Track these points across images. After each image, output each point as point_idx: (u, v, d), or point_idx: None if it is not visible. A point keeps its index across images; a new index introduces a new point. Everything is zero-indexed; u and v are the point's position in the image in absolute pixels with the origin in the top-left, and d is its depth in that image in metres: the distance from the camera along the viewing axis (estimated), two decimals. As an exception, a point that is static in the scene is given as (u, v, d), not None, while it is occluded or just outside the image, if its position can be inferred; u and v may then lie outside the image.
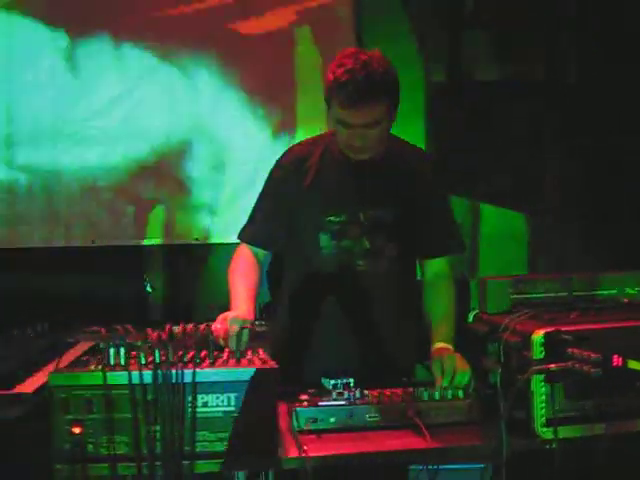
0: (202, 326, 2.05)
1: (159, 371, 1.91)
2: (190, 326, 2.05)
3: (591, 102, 4.29)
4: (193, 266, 4.32)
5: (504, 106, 4.36)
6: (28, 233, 4.08)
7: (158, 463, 1.91)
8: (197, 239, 4.13)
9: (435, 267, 2.70)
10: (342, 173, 2.61)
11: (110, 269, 4.13)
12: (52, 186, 4.11)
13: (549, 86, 4.43)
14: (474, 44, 4.43)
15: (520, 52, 4.46)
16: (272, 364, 2.03)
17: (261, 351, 2.21)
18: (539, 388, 2.10)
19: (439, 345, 2.47)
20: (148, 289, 4.19)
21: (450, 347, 2.46)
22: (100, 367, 1.94)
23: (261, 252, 2.71)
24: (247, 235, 2.73)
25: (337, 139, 2.54)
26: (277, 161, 2.73)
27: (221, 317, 2.32)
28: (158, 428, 1.92)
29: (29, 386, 2.28)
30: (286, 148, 2.78)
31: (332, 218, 2.60)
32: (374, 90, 2.38)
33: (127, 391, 1.91)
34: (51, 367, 2.09)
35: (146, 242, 4.16)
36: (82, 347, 2.82)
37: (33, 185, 4.10)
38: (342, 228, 2.60)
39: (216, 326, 2.25)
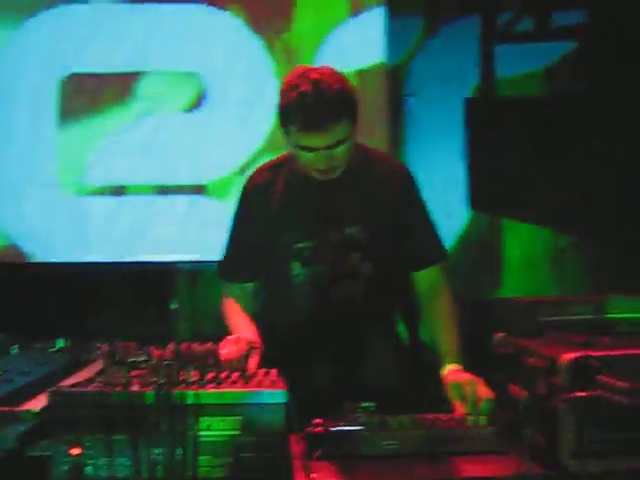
0: (208, 344, 1.97)
1: (161, 392, 1.83)
2: (196, 344, 1.97)
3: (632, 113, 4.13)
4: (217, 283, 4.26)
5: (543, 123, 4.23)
6: (55, 247, 4.05)
7: (159, 487, 1.83)
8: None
9: (426, 279, 2.57)
10: (307, 195, 2.50)
11: (135, 285, 4.10)
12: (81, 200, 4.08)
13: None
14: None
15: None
16: (282, 386, 1.94)
17: (273, 372, 2.12)
18: (567, 417, 1.97)
19: (451, 367, 2.36)
20: (173, 305, 4.16)
21: (462, 369, 2.35)
22: (101, 386, 1.88)
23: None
24: (225, 273, 2.66)
25: (300, 163, 2.43)
26: (242, 189, 2.62)
27: (224, 341, 2.24)
28: (159, 451, 1.84)
29: (38, 403, 2.23)
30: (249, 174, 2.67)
31: (302, 245, 2.50)
32: (331, 112, 2.27)
33: (128, 412, 1.84)
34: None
35: (172, 258, 4.10)
36: (100, 364, 2.77)
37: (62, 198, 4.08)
38: (313, 253, 2.49)
39: (222, 351, 2.15)
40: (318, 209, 2.50)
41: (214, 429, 1.86)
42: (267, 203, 2.52)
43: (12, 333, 3.51)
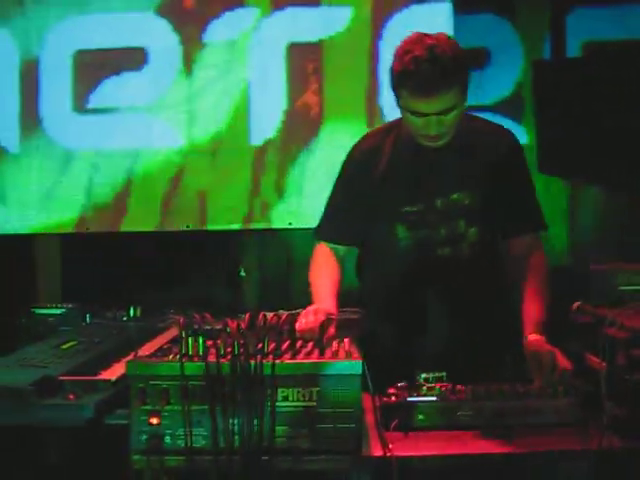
0: (284, 315, 1.96)
1: (237, 363, 1.84)
2: (271, 315, 1.97)
3: None
4: (286, 251, 4.27)
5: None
6: (123, 217, 4.10)
7: (236, 457, 1.84)
8: (290, 224, 4.06)
9: (524, 244, 2.55)
10: (415, 161, 2.50)
11: (204, 254, 4.13)
12: (147, 170, 4.11)
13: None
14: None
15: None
16: (357, 356, 1.93)
17: (347, 342, 2.11)
18: (649, 389, 1.93)
19: (533, 337, 2.31)
20: (241, 274, 4.18)
21: (543, 339, 2.30)
22: (177, 357, 1.89)
23: (340, 248, 2.65)
24: (322, 233, 2.67)
25: (409, 127, 2.43)
26: (348, 153, 2.64)
27: (304, 312, 2.24)
28: (236, 421, 1.85)
29: (114, 373, 2.26)
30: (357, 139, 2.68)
31: (408, 208, 2.50)
32: (445, 77, 2.26)
33: (205, 383, 1.85)
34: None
35: (237, 227, 4.11)
36: (172, 333, 2.79)
37: (128, 170, 4.11)
38: (419, 217, 2.50)
39: (300, 321, 2.16)
40: (425, 174, 2.50)
41: (291, 400, 1.86)
42: (374, 167, 2.53)
43: (85, 303, 3.58)
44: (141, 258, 4.23)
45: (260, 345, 1.90)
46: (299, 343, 2.04)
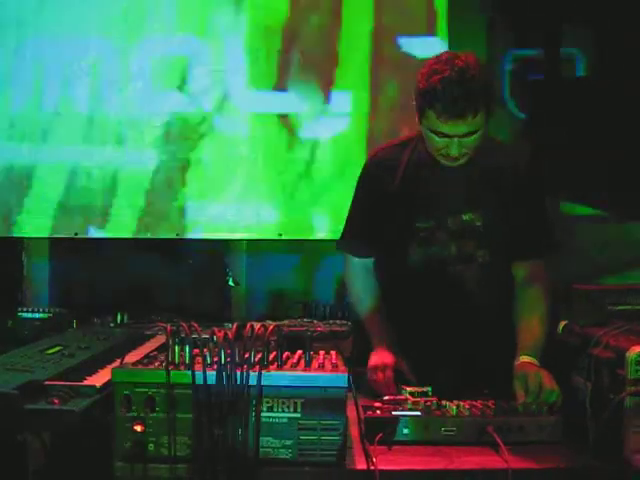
0: (271, 326, 1.96)
1: (223, 372, 1.84)
2: (258, 326, 1.97)
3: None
4: (274, 261, 4.28)
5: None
6: (115, 223, 4.08)
7: (220, 467, 1.83)
8: (280, 235, 4.06)
9: (526, 271, 2.55)
10: (430, 178, 2.51)
11: (194, 262, 4.12)
12: (139, 177, 4.10)
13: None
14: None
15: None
16: (343, 369, 1.93)
17: (334, 354, 2.11)
18: (632, 411, 1.93)
19: (523, 359, 2.31)
20: (231, 283, 4.18)
21: (535, 362, 2.29)
22: (163, 365, 1.89)
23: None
24: (346, 245, 2.69)
25: (429, 146, 2.44)
26: (364, 167, 2.66)
27: (373, 367, 2.43)
28: (221, 431, 1.84)
29: (99, 379, 2.25)
30: (372, 151, 2.71)
31: (420, 224, 2.51)
32: (473, 102, 2.26)
33: (190, 391, 1.85)
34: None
35: (230, 236, 4.11)
36: (159, 340, 2.79)
37: (119, 176, 4.11)
38: (430, 234, 2.51)
39: (375, 377, 2.37)
40: (438, 192, 2.51)
41: (275, 410, 1.86)
42: (388, 181, 2.54)
43: (71, 308, 3.57)
44: (129, 265, 4.21)
45: (247, 355, 1.90)
46: (285, 354, 2.05)
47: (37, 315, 3.53)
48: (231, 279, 4.19)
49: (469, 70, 2.27)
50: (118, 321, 3.34)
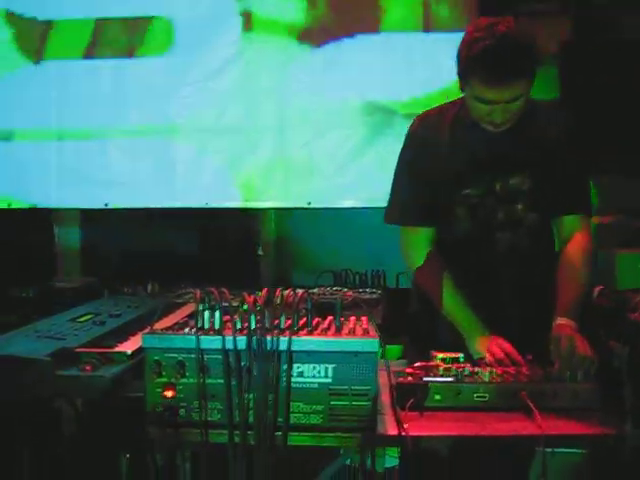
0: (300, 292, 1.94)
1: (254, 337, 1.83)
2: (288, 291, 1.95)
3: None
4: (303, 230, 4.26)
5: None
6: (144, 193, 4.09)
7: (250, 432, 1.83)
8: (309, 203, 4.04)
9: (566, 228, 2.50)
10: (475, 143, 2.46)
11: (223, 232, 4.12)
12: (168, 147, 4.11)
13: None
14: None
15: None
16: (374, 334, 1.92)
17: (365, 320, 2.10)
18: (670, 376, 1.90)
19: (560, 321, 2.27)
20: (259, 252, 4.17)
21: (571, 325, 2.26)
22: (194, 330, 1.88)
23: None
24: (394, 216, 2.61)
25: (472, 112, 2.40)
26: (408, 132, 2.61)
27: (491, 344, 2.33)
28: (252, 396, 1.84)
29: (130, 346, 2.26)
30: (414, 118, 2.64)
31: (467, 191, 2.48)
32: (517, 67, 2.23)
33: (220, 356, 1.84)
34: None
35: (258, 205, 4.10)
36: (189, 309, 2.80)
37: (149, 146, 4.10)
38: (478, 201, 2.47)
39: (492, 351, 2.29)
40: (484, 157, 2.47)
41: (306, 376, 1.85)
42: (434, 147, 2.51)
43: (102, 278, 3.59)
44: (159, 235, 4.22)
45: (277, 321, 1.89)
46: (315, 320, 2.03)
47: (69, 285, 3.56)
48: (260, 248, 4.19)
49: (510, 35, 2.23)
50: (148, 290, 3.35)
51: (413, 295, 2.72)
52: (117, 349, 2.22)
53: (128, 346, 2.24)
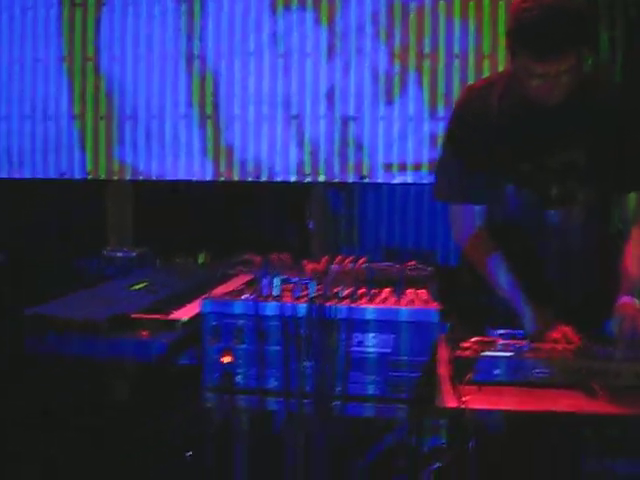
0: (361, 261, 1.92)
1: (313, 305, 1.81)
2: (348, 261, 1.94)
3: None
4: (355, 204, 4.25)
5: None
6: (197, 165, 4.11)
7: (307, 401, 1.82)
8: (362, 178, 4.01)
9: (631, 206, 2.43)
10: (524, 117, 2.39)
11: (275, 205, 4.12)
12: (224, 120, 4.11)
13: None
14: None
15: None
16: (435, 305, 1.89)
17: (423, 292, 2.07)
18: None
19: (624, 300, 2.22)
20: (310, 227, 4.17)
21: (635, 304, 2.20)
22: (253, 296, 1.88)
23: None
24: (442, 193, 2.55)
25: (523, 85, 2.32)
26: (454, 108, 2.55)
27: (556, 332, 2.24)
28: (309, 364, 1.83)
29: (186, 312, 2.26)
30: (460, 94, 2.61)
31: (518, 165, 2.41)
32: (568, 39, 2.14)
33: (279, 323, 1.83)
34: (208, 296, 2.05)
35: (311, 179, 4.08)
36: (242, 279, 2.79)
37: (206, 119, 4.11)
38: (529, 176, 2.41)
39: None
40: (535, 132, 2.39)
41: (365, 345, 1.83)
42: (484, 121, 2.44)
43: (155, 248, 3.61)
44: (211, 207, 4.24)
45: (336, 289, 1.88)
46: (374, 291, 2.01)
47: (121, 254, 3.58)
48: (311, 222, 4.18)
49: (559, 4, 2.16)
50: (200, 260, 3.35)
51: (463, 272, 2.68)
52: (172, 316, 2.22)
53: (183, 313, 2.24)
